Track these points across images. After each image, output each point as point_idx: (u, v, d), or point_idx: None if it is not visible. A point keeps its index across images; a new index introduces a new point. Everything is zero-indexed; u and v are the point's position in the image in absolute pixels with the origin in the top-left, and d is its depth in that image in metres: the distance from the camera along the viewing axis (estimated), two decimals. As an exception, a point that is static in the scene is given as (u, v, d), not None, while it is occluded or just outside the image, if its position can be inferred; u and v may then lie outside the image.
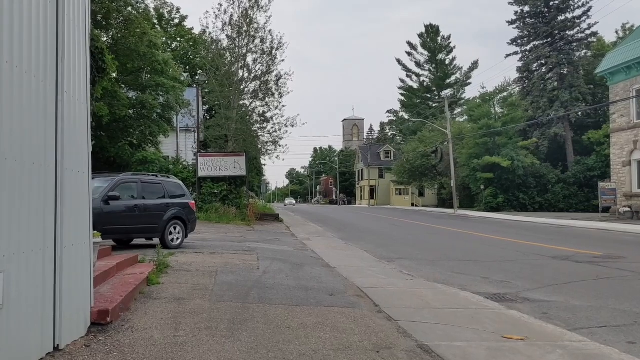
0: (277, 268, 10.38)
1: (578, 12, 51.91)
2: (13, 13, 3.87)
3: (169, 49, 40.80)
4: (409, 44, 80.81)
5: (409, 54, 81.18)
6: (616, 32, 55.49)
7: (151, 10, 32.89)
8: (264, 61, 29.24)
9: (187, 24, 48.82)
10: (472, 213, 42.69)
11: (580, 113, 50.80)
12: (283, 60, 76.70)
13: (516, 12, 55.26)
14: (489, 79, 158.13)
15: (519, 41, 56.10)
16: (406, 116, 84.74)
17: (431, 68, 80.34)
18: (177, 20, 48.30)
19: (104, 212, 11.48)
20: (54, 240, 4.51)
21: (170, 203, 13.34)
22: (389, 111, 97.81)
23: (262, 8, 28.80)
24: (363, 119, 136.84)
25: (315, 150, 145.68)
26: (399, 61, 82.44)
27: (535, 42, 54.60)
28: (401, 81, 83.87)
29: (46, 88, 4.44)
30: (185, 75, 42.51)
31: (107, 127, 23.79)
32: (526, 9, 54.15)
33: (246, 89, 29.59)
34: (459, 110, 75.01)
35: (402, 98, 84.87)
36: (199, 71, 45.35)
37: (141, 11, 25.51)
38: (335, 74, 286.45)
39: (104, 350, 4.66)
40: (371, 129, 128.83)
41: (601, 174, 43.64)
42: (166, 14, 47.16)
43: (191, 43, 46.98)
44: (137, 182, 13.03)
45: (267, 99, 29.75)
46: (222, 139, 29.82)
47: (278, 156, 31.11)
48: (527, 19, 54.54)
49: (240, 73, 29.20)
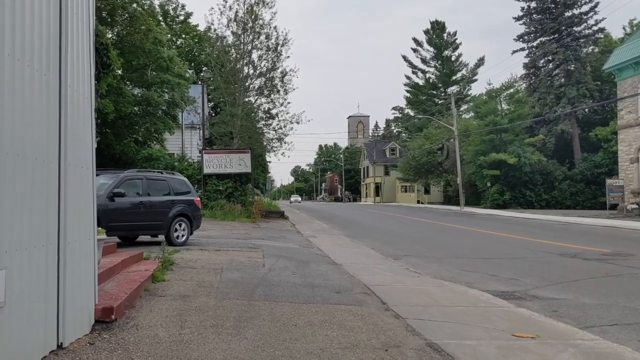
0: (282, 265, 10.31)
1: (585, 8, 51.69)
2: (15, 5, 3.79)
3: (174, 46, 40.76)
4: (415, 40, 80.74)
5: (414, 50, 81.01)
6: (623, 28, 55.28)
7: (156, 7, 32.77)
8: (269, 58, 29.17)
9: (192, 20, 48.71)
10: (478, 210, 42.53)
11: (587, 109, 50.51)
12: (288, 57, 76.76)
13: (522, 8, 55.09)
14: (495, 75, 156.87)
15: (526, 37, 55.85)
16: (412, 113, 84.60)
17: (437, 64, 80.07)
18: (182, 17, 48.32)
19: (109, 208, 11.45)
20: (57, 236, 4.44)
21: (176, 200, 13.27)
22: (394, 108, 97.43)
23: (267, 4, 28.73)
24: (368, 116, 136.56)
25: (321, 147, 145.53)
26: (404, 58, 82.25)
27: (542, 38, 54.30)
28: (407, 78, 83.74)
29: (49, 82, 4.37)
30: (190, 72, 42.45)
31: (112, 124, 23.76)
32: (533, 4, 53.89)
33: (251, 86, 29.52)
34: (465, 106, 74.77)
35: (408, 95, 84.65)
36: (204, 68, 45.26)
37: (146, 8, 25.41)
38: (340, 71, 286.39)
39: (109, 348, 4.59)
40: (376, 126, 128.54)
41: (608, 170, 43.43)
42: (171, 11, 47.16)
43: (196, 40, 46.96)
44: (142, 178, 12.96)
45: (272, 95, 29.68)
46: (227, 136, 29.75)
47: (283, 153, 30.97)
48: (534, 15, 54.23)
49: (246, 70, 29.13)
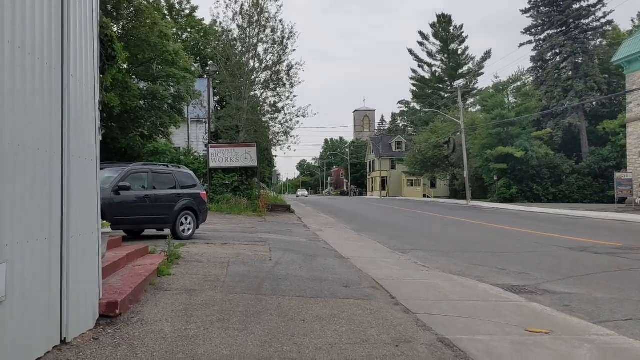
0: (289, 259, 10.21)
1: (593, 0, 51.06)
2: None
3: (179, 40, 40.61)
4: (421, 33, 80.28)
5: (420, 44, 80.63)
6: (632, 20, 54.53)
7: (161, 0, 32.70)
8: (274, 51, 29.07)
9: (198, 14, 48.69)
10: (485, 204, 42.31)
11: (595, 103, 50.01)
12: (294, 50, 76.81)
13: (530, 1, 54.57)
14: (502, 68, 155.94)
15: (533, 30, 55.33)
16: (418, 107, 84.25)
17: (443, 58, 79.66)
18: (187, 11, 48.19)
19: (114, 202, 11.37)
20: (60, 229, 4.34)
21: (182, 193, 13.19)
22: (400, 102, 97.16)
23: (272, -3, 28.59)
24: (374, 110, 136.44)
25: (326, 141, 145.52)
26: (410, 51, 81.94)
27: (549, 31, 53.80)
28: (413, 71, 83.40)
29: (51, 71, 4.26)
30: (196, 66, 42.33)
31: (118, 118, 23.68)
32: (540, -3, 53.39)
33: (257, 79, 29.42)
34: (471, 100, 74.27)
35: (414, 88, 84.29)
36: (209, 62, 45.18)
37: (151, 1, 25.31)
38: (345, 64, 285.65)
39: (113, 343, 4.50)
40: (382, 119, 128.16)
41: (616, 164, 43.02)
42: (176, 5, 47.05)
43: (202, 34, 46.80)
44: (148, 172, 12.87)
45: (278, 89, 29.60)
46: (233, 129, 29.67)
47: (289, 147, 31.01)
48: (541, 8, 53.70)
49: (251, 63, 29.03)
